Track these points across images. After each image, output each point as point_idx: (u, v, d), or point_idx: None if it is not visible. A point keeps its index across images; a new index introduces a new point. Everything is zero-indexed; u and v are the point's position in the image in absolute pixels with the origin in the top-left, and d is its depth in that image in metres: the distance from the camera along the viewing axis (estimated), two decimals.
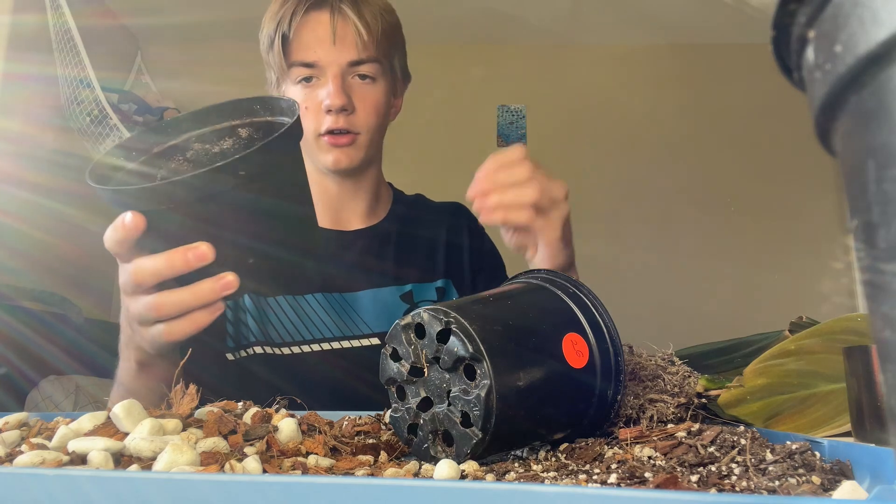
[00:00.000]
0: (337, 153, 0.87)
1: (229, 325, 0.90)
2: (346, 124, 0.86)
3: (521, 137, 2.86)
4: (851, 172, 0.16)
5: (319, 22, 0.85)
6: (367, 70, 0.86)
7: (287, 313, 0.90)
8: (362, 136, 0.88)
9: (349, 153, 0.87)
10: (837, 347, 0.64)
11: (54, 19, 1.96)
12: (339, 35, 0.84)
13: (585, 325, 0.50)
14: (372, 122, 0.88)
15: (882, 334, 0.15)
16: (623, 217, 2.75)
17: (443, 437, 0.45)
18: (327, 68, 0.84)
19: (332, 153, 0.87)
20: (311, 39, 0.85)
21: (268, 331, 0.89)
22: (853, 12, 0.14)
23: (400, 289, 0.94)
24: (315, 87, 0.86)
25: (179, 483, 0.30)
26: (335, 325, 0.90)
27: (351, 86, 0.86)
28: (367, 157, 0.90)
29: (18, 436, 0.43)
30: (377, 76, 0.88)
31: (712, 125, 2.80)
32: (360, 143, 0.88)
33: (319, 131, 0.86)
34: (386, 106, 0.91)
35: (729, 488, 0.36)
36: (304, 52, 0.85)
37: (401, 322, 0.47)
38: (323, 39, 0.84)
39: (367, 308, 0.92)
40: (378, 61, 0.87)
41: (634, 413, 0.53)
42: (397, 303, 0.93)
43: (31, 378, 1.89)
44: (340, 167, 0.88)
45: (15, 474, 0.31)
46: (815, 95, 0.17)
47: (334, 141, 0.86)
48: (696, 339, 0.90)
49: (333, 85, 0.84)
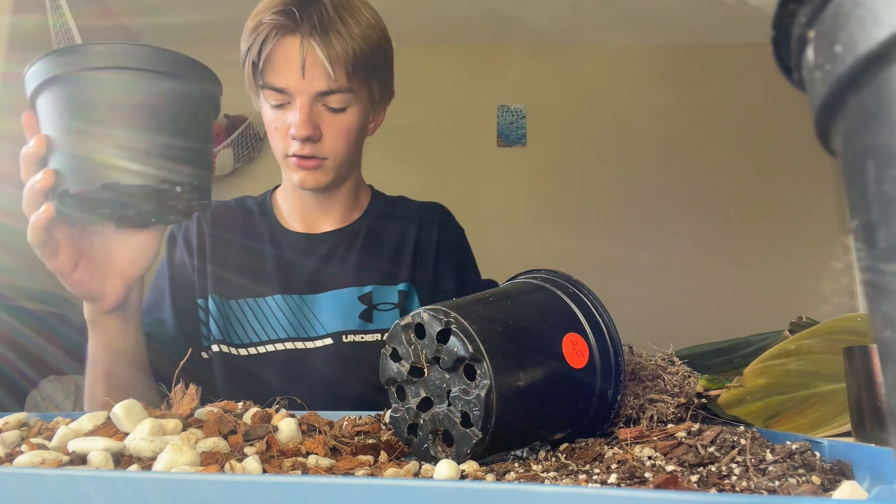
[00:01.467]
0: (303, 174, 0.88)
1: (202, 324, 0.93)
2: (311, 151, 0.86)
3: (521, 137, 2.86)
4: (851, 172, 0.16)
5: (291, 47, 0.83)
6: (335, 101, 0.85)
7: (247, 315, 0.92)
8: (329, 161, 0.88)
9: (315, 175, 0.88)
10: (837, 347, 0.64)
11: (54, 19, 1.96)
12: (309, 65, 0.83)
13: (585, 325, 0.50)
14: (340, 148, 0.88)
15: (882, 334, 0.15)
16: (623, 217, 2.75)
17: (443, 437, 0.45)
18: (297, 96, 0.84)
19: (298, 173, 0.88)
20: (281, 65, 0.84)
21: (229, 332, 0.92)
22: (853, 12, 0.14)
23: (360, 290, 0.94)
24: (286, 109, 0.86)
25: (179, 483, 0.30)
26: (290, 327, 0.92)
27: (319, 114, 0.86)
28: (336, 177, 0.91)
29: (18, 436, 0.43)
30: (349, 104, 0.87)
31: (712, 125, 2.80)
32: (327, 167, 0.89)
33: (287, 152, 0.87)
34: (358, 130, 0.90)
35: (729, 488, 0.36)
36: (274, 77, 0.84)
37: (401, 322, 0.47)
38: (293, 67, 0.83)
39: (325, 309, 0.93)
40: (350, 91, 0.86)
41: (634, 413, 0.53)
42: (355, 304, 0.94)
43: (31, 378, 1.89)
44: (306, 187, 0.89)
45: (15, 474, 0.31)
46: (815, 95, 0.17)
47: (301, 163, 0.87)
48: (696, 339, 0.90)
49: (301, 115, 0.84)
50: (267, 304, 0.93)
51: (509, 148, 2.86)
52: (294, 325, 0.93)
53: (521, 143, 2.85)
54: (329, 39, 0.82)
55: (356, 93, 0.87)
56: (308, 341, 0.92)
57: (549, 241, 2.67)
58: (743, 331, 0.92)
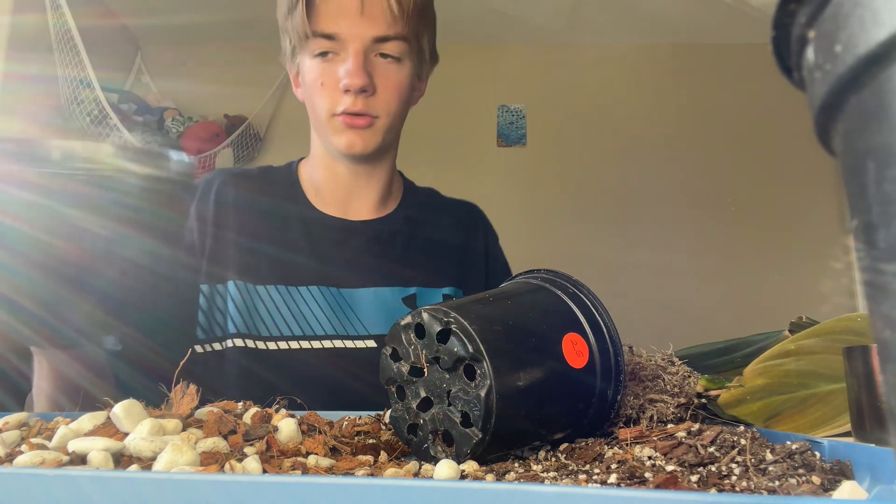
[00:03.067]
0: (351, 135, 0.80)
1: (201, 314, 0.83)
2: (364, 107, 0.78)
3: (521, 137, 2.86)
4: (851, 172, 0.16)
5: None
6: (392, 49, 0.78)
7: (278, 305, 0.82)
8: (381, 120, 0.80)
9: (365, 137, 0.80)
10: (837, 347, 0.64)
11: (54, 19, 1.96)
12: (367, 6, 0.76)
13: (585, 325, 0.50)
14: (393, 105, 0.80)
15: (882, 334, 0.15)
16: (623, 217, 2.75)
17: (443, 437, 0.45)
18: (349, 43, 0.77)
19: (346, 135, 0.80)
20: (334, 9, 0.77)
21: (255, 322, 0.82)
22: (853, 12, 0.14)
23: (403, 290, 0.87)
24: (333, 62, 0.78)
25: (179, 483, 0.30)
26: (329, 323, 0.83)
27: (373, 64, 0.78)
28: (384, 143, 0.83)
29: (18, 436, 0.43)
30: (403, 56, 0.80)
31: (712, 125, 2.80)
32: (378, 126, 0.81)
33: (334, 111, 0.79)
34: (409, 89, 0.83)
35: (729, 488, 0.36)
36: (325, 23, 0.77)
37: (401, 322, 0.47)
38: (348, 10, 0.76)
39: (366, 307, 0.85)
40: (406, 39, 0.79)
41: (634, 413, 0.53)
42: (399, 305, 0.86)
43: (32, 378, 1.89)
44: (354, 151, 0.81)
45: (15, 474, 0.31)
46: (815, 95, 0.17)
47: (350, 122, 0.79)
48: (696, 339, 0.90)
49: (354, 62, 0.76)
50: (300, 294, 0.83)
51: (509, 148, 2.86)
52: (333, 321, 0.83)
53: (521, 143, 2.85)
54: None
55: (411, 44, 0.80)
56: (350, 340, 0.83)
57: (549, 241, 2.67)
58: (743, 331, 0.92)
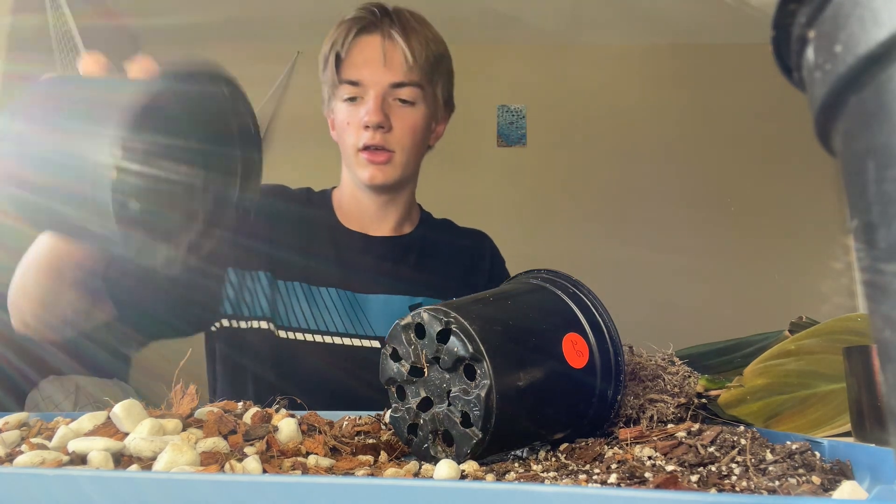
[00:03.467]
0: (373, 169, 0.92)
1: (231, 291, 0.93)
2: (381, 141, 0.91)
3: (521, 137, 2.86)
4: (851, 172, 0.16)
5: (369, 44, 0.91)
6: (407, 94, 0.92)
7: (300, 300, 0.94)
8: (397, 156, 0.93)
9: (384, 170, 0.93)
10: (837, 347, 0.64)
11: (54, 19, 1.96)
12: (388, 55, 0.90)
13: (585, 325, 0.50)
14: (407, 141, 0.93)
15: (882, 334, 0.15)
16: (623, 217, 2.75)
17: (443, 437, 0.45)
18: (370, 88, 0.91)
19: (368, 169, 0.92)
20: (359, 60, 0.91)
21: (278, 312, 0.93)
22: (853, 12, 0.14)
23: (411, 299, 0.97)
24: (358, 105, 0.92)
25: (179, 483, 0.30)
26: (341, 322, 0.94)
27: (391, 106, 0.92)
28: (402, 176, 0.95)
29: (18, 436, 0.43)
30: (417, 100, 0.93)
31: (712, 125, 2.80)
32: (396, 162, 0.93)
33: (358, 146, 0.92)
34: (423, 129, 0.96)
35: (729, 488, 0.36)
36: (351, 71, 0.91)
37: (401, 322, 0.47)
38: (370, 60, 0.91)
39: (376, 312, 0.96)
40: (419, 86, 0.92)
41: (634, 413, 0.53)
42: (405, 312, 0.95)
43: (31, 378, 1.89)
44: (375, 183, 0.93)
45: (15, 474, 0.31)
46: (815, 95, 0.17)
47: (371, 157, 0.92)
48: (696, 339, 0.90)
49: (373, 104, 0.90)
50: (320, 293, 0.95)
51: (509, 148, 2.86)
52: (346, 321, 0.94)
53: (521, 143, 2.86)
54: (408, 34, 0.92)
55: (425, 90, 0.94)
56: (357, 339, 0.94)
57: (549, 241, 2.67)
58: (743, 331, 0.92)
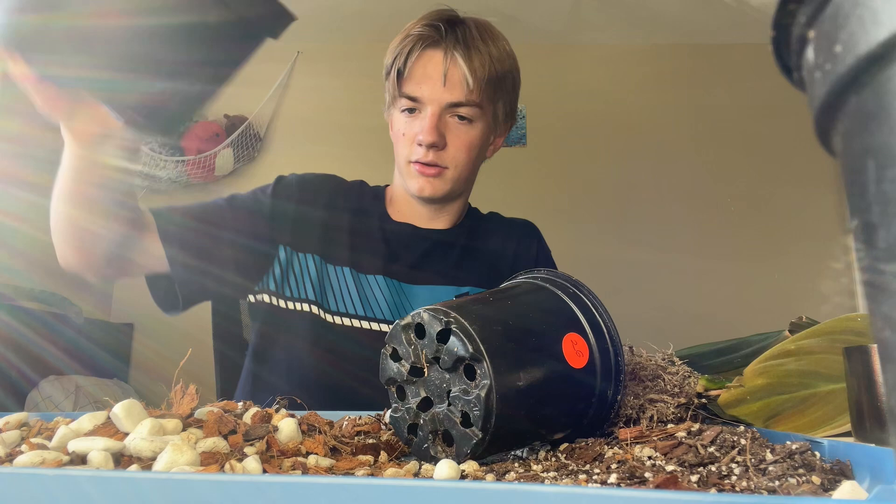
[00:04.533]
0: (422, 181, 0.93)
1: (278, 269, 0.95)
2: (434, 159, 0.92)
3: (522, 137, 2.86)
4: (851, 172, 0.16)
5: (431, 60, 0.91)
6: (465, 112, 0.91)
7: (349, 286, 0.95)
8: (449, 171, 0.93)
9: (434, 183, 0.93)
10: (837, 347, 0.64)
11: None
12: (449, 76, 0.90)
13: (585, 325, 0.50)
14: (461, 158, 0.93)
15: (882, 334, 0.15)
16: (623, 217, 2.75)
17: (443, 437, 0.45)
18: (428, 105, 0.91)
19: (418, 181, 0.93)
20: (420, 76, 0.91)
21: (325, 295, 0.94)
22: (853, 12, 0.14)
23: (457, 289, 0.98)
24: (416, 118, 0.92)
25: (179, 483, 0.30)
26: (388, 310, 0.95)
27: (447, 123, 0.92)
28: (453, 189, 0.96)
29: (18, 436, 0.43)
30: (475, 118, 0.93)
31: (712, 125, 2.80)
32: (448, 177, 0.93)
33: (410, 158, 0.93)
34: (480, 146, 0.95)
35: (729, 488, 0.36)
36: (411, 86, 0.91)
37: (401, 322, 0.47)
38: (430, 77, 0.90)
39: (422, 301, 0.96)
40: (479, 105, 0.92)
41: (634, 413, 0.53)
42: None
43: (31, 378, 1.89)
44: (424, 195, 0.94)
45: (15, 474, 0.31)
46: (815, 95, 0.17)
47: (422, 170, 0.92)
48: (696, 339, 0.90)
49: (429, 122, 0.90)
50: (368, 280, 0.95)
51: (509, 148, 2.86)
52: (392, 309, 0.95)
53: (521, 143, 2.85)
54: (470, 54, 0.91)
55: (484, 109, 0.93)
56: None
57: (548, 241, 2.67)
58: (743, 331, 0.92)
